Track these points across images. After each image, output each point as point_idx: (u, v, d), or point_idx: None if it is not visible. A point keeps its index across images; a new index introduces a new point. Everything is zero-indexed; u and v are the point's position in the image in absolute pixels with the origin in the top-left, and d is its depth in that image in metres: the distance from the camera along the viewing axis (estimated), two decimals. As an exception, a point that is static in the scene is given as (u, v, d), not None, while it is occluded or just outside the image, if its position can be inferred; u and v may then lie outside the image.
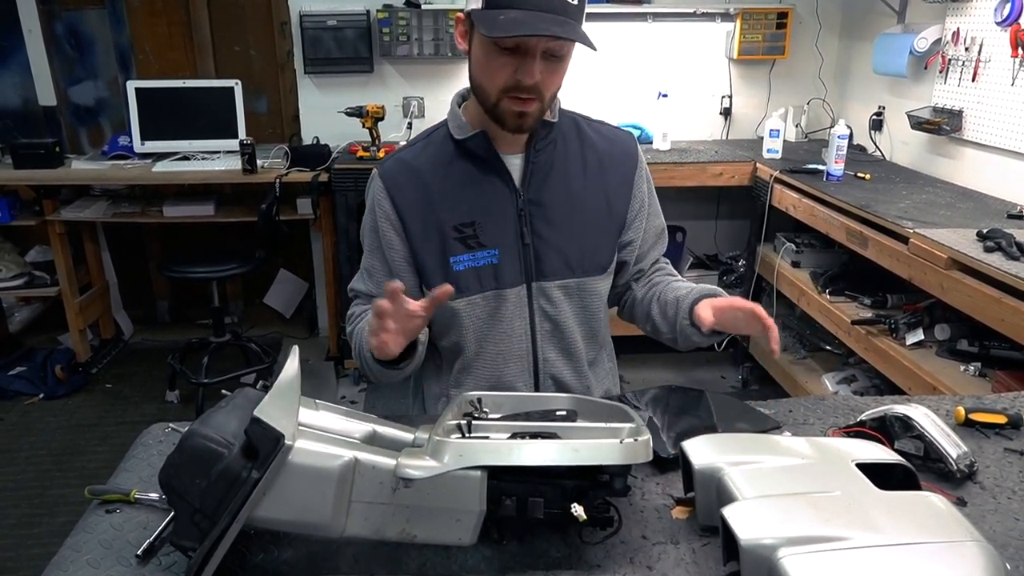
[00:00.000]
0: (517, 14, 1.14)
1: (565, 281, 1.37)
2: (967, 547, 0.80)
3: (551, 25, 1.13)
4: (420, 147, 1.40)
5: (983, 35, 2.80)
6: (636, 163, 1.45)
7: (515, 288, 1.35)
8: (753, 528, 0.82)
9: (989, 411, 1.27)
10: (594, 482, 0.92)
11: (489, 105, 1.25)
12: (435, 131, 1.41)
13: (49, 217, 3.42)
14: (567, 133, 1.40)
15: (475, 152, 1.34)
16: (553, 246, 1.35)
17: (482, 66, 1.24)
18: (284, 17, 3.75)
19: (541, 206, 1.35)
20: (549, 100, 1.27)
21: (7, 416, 3.35)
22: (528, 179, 1.35)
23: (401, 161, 1.39)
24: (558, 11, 1.15)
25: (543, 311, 1.38)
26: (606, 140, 1.43)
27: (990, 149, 2.84)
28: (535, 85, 1.20)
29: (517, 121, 1.25)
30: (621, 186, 1.42)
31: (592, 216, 1.38)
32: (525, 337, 1.38)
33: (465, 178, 1.35)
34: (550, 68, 1.21)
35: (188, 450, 0.85)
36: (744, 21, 3.70)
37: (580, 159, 1.39)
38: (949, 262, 2.15)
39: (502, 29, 1.14)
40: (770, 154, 3.43)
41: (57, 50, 3.89)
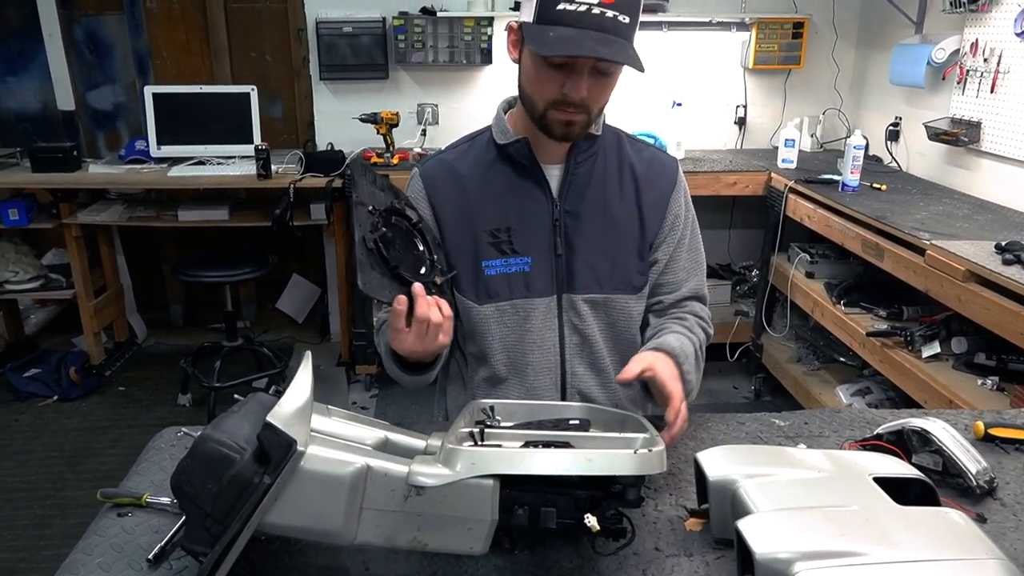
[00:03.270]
0: (567, 32, 1.14)
1: (592, 296, 1.36)
2: (987, 565, 0.78)
3: (599, 45, 1.13)
4: (463, 149, 1.41)
5: (1002, 46, 2.78)
6: (674, 186, 1.42)
7: (545, 298, 1.35)
8: (768, 542, 0.81)
9: (1009, 426, 1.25)
10: (607, 492, 0.91)
11: (536, 115, 1.26)
12: (479, 135, 1.42)
13: (66, 220, 3.45)
14: (608, 148, 1.39)
15: (516, 158, 1.34)
16: (584, 259, 1.34)
17: (531, 78, 1.24)
18: (300, 24, 3.78)
19: (576, 218, 1.35)
20: (596, 113, 1.27)
21: (21, 417, 3.37)
22: (566, 190, 1.34)
23: (443, 162, 1.40)
24: (608, 30, 1.14)
25: (572, 324, 1.37)
26: (646, 160, 1.42)
27: (1009, 161, 2.81)
28: (582, 100, 1.21)
29: (564, 130, 1.25)
30: (655, 207, 1.39)
31: (625, 233, 1.37)
32: (554, 349, 1.37)
33: (504, 184, 1.35)
34: (598, 84, 1.21)
35: (200, 455, 0.85)
36: (760, 31, 3.70)
37: (618, 175, 1.38)
38: (967, 274, 2.13)
39: (551, 48, 1.14)
40: (785, 164, 3.42)
41: (76, 55, 3.94)
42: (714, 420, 1.32)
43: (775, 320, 3.51)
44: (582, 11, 1.13)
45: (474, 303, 1.33)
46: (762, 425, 1.31)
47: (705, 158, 3.64)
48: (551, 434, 1.02)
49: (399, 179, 3.47)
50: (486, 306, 1.34)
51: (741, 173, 3.42)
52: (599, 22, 1.14)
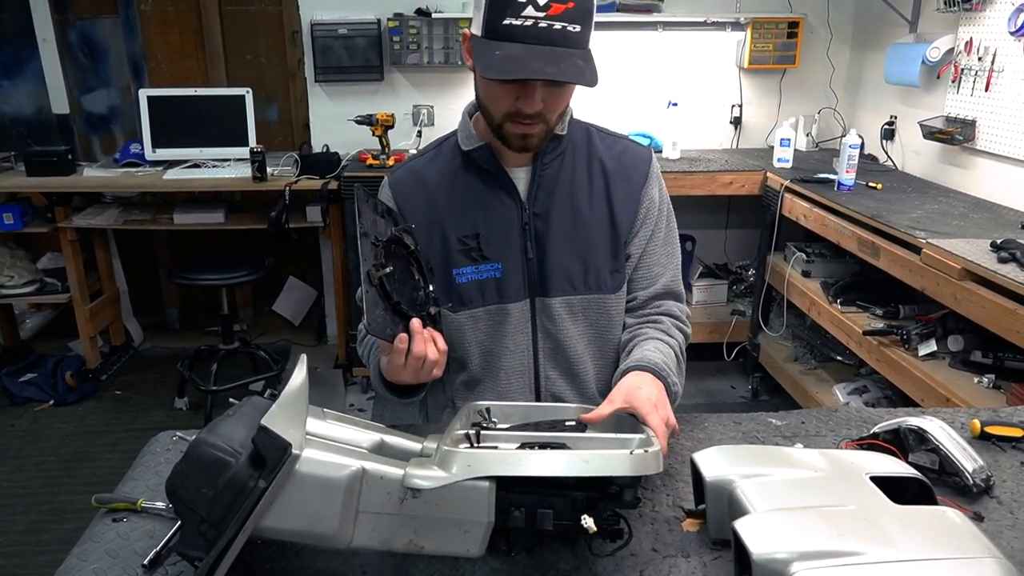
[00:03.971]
0: (514, 49, 1.11)
1: (568, 298, 1.34)
2: (985, 564, 0.78)
3: (546, 65, 1.11)
4: (430, 157, 1.40)
5: (996, 44, 2.79)
6: (646, 178, 1.39)
7: (518, 303, 1.34)
8: (766, 542, 0.81)
9: (1006, 424, 1.25)
10: (604, 493, 0.91)
11: (493, 127, 1.25)
12: (446, 140, 1.41)
13: (61, 224, 3.44)
14: (577, 145, 1.37)
15: (481, 164, 1.33)
16: (557, 261, 1.33)
17: (485, 92, 1.23)
18: (295, 26, 3.78)
19: (546, 220, 1.33)
20: (556, 120, 1.25)
21: (17, 422, 3.36)
22: (534, 193, 1.33)
23: (410, 171, 1.39)
24: (558, 43, 1.12)
25: (545, 328, 1.36)
26: (617, 153, 1.39)
27: (1004, 159, 2.82)
28: (537, 113, 1.19)
29: (522, 142, 1.24)
30: (627, 200, 1.37)
31: (596, 232, 1.35)
32: (527, 353, 1.36)
33: (471, 190, 1.34)
34: (553, 94, 1.19)
35: (195, 459, 0.85)
36: (755, 30, 3.70)
37: (587, 172, 1.37)
38: (962, 272, 2.13)
39: (497, 70, 1.12)
40: (781, 163, 3.42)
41: (71, 59, 3.93)
42: (711, 420, 1.32)
43: (772, 319, 3.52)
44: (529, 25, 1.10)
45: (448, 311, 1.32)
46: (759, 425, 1.31)
47: (701, 158, 3.64)
48: (547, 435, 1.02)
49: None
50: (460, 314, 1.33)
51: (737, 173, 3.42)
52: (547, 35, 1.11)
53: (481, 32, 1.15)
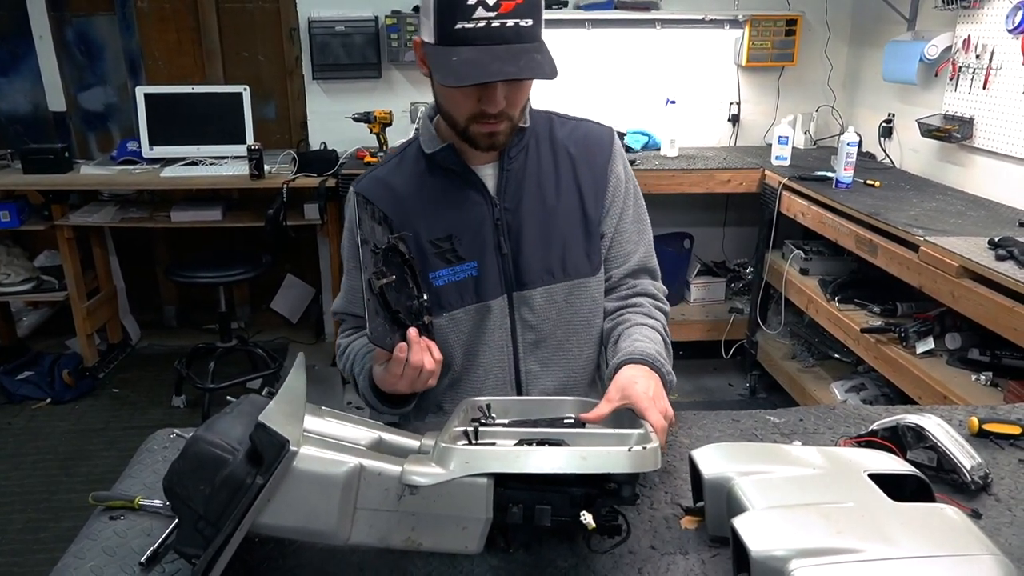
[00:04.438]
0: (470, 53, 1.10)
1: (548, 287, 1.34)
2: (983, 561, 0.78)
3: (505, 64, 1.10)
4: (395, 163, 1.39)
5: (994, 42, 2.79)
6: (609, 156, 1.39)
7: (497, 299, 1.34)
8: (764, 539, 0.81)
9: (1003, 421, 1.25)
10: (602, 490, 0.91)
11: (459, 130, 1.24)
12: (408, 146, 1.40)
13: (58, 222, 3.44)
14: (540, 135, 1.37)
15: (446, 166, 1.33)
16: (532, 253, 1.33)
17: (445, 98, 1.22)
18: (293, 23, 3.77)
19: (517, 214, 1.33)
20: (519, 116, 1.25)
21: (15, 420, 3.36)
22: (503, 188, 1.33)
23: (376, 179, 1.38)
24: (512, 40, 1.11)
25: (524, 321, 1.35)
26: (579, 137, 1.39)
27: (1001, 157, 2.82)
28: (501, 111, 1.19)
29: (489, 141, 1.24)
30: (595, 181, 1.37)
31: (569, 219, 1.35)
32: (506, 348, 1.36)
33: (439, 192, 1.33)
34: (514, 91, 1.19)
35: (192, 456, 0.85)
36: (753, 28, 3.70)
37: (552, 161, 1.37)
38: (960, 270, 2.13)
39: (456, 77, 1.11)
40: (779, 161, 3.42)
41: (67, 56, 3.92)
42: (709, 417, 1.32)
43: (770, 317, 3.52)
44: (481, 27, 1.10)
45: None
46: (757, 422, 1.31)
47: (699, 156, 3.64)
48: (545, 432, 1.02)
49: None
50: (440, 317, 1.33)
51: (735, 171, 3.42)
52: (501, 34, 1.10)
53: (433, 39, 1.14)
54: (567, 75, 3.74)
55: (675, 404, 1.16)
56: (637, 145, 3.67)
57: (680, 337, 3.68)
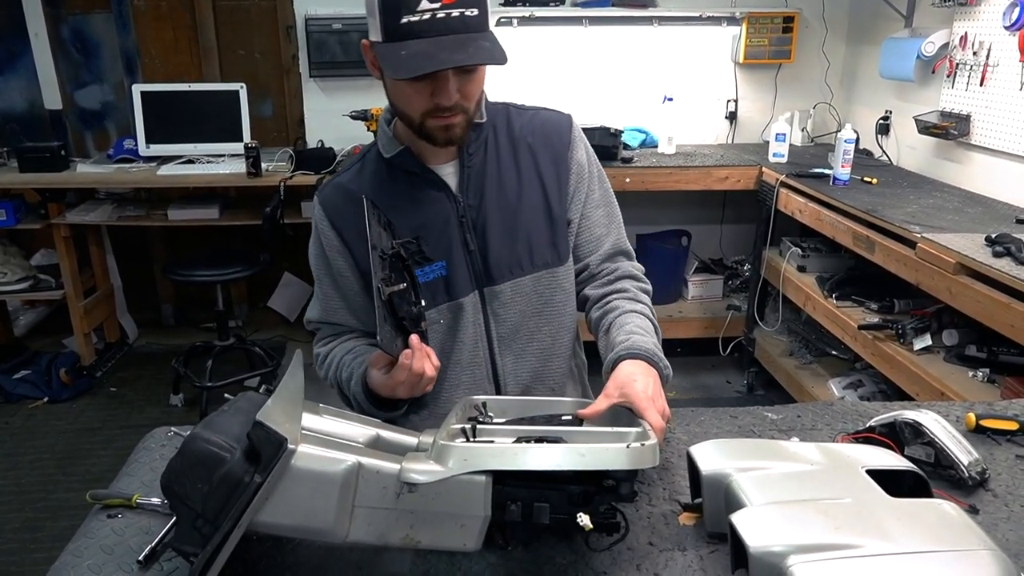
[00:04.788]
0: (419, 45, 1.10)
1: (517, 280, 1.34)
2: (980, 556, 0.78)
3: (453, 53, 1.10)
4: (356, 169, 1.39)
5: (991, 39, 2.79)
6: (569, 144, 1.38)
7: (469, 296, 1.34)
8: (762, 535, 0.81)
9: (1000, 417, 1.25)
10: (600, 487, 0.91)
11: (415, 127, 1.24)
12: (368, 152, 1.39)
13: (54, 220, 3.43)
14: (498, 128, 1.37)
15: (405, 168, 1.32)
16: (499, 248, 1.33)
17: (399, 96, 1.22)
18: (289, 21, 3.76)
19: (481, 210, 1.33)
20: (474, 108, 1.24)
21: (12, 420, 3.35)
22: (465, 185, 1.33)
23: (338, 186, 1.37)
24: (459, 30, 1.11)
25: (496, 315, 1.35)
26: (537, 126, 1.39)
27: (998, 154, 2.82)
28: (455, 103, 1.18)
29: (446, 135, 1.23)
30: (555, 170, 1.37)
31: (533, 209, 1.35)
32: (480, 343, 1.36)
33: (402, 195, 1.33)
34: (466, 82, 1.19)
35: (190, 454, 0.84)
36: (750, 25, 3.70)
37: (512, 153, 1.36)
38: (957, 267, 2.13)
39: (407, 70, 1.11)
40: (776, 158, 3.42)
41: (63, 54, 3.91)
42: (707, 414, 1.32)
43: (767, 314, 3.52)
44: (427, 19, 1.10)
45: None
46: (755, 419, 1.31)
47: (696, 153, 3.64)
48: (543, 429, 1.02)
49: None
50: None
51: (732, 168, 3.42)
52: (447, 25, 1.10)
53: (381, 37, 1.14)
54: (566, 72, 3.76)
55: (673, 401, 1.17)
56: (634, 142, 3.67)
57: (678, 334, 3.70)
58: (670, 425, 1.26)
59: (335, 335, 1.42)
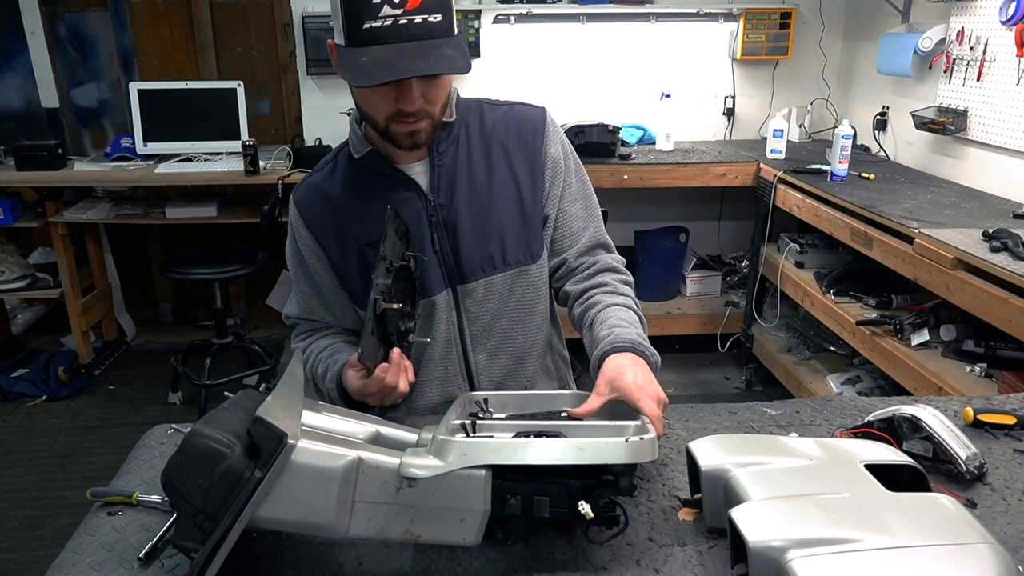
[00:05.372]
0: (379, 52, 1.09)
1: (489, 278, 1.33)
2: (979, 549, 0.79)
3: (414, 61, 1.09)
4: (328, 169, 1.38)
5: (988, 34, 2.79)
6: (543, 139, 1.36)
7: (441, 294, 1.33)
8: (761, 530, 0.81)
9: (998, 412, 1.25)
10: (599, 481, 0.91)
11: (380, 131, 1.23)
12: (340, 151, 1.39)
13: (52, 219, 3.43)
14: (470, 126, 1.36)
15: (374, 169, 1.32)
16: (470, 246, 1.32)
17: (362, 99, 1.21)
18: (286, 18, 3.76)
19: (452, 209, 1.32)
20: (440, 112, 1.23)
21: (10, 418, 3.35)
22: (436, 184, 1.32)
23: (311, 186, 1.37)
24: (421, 36, 1.10)
25: (469, 312, 1.35)
26: (511, 122, 1.37)
27: (995, 149, 2.82)
28: (419, 109, 1.18)
29: (410, 140, 1.22)
30: (530, 164, 1.35)
31: (505, 207, 1.33)
32: (454, 340, 1.36)
33: (373, 195, 1.32)
34: (431, 88, 1.18)
35: (190, 450, 0.85)
36: (747, 21, 3.70)
37: (483, 150, 1.35)
38: (955, 262, 2.14)
39: (367, 77, 1.09)
40: (774, 154, 3.42)
41: (60, 52, 3.90)
42: (705, 410, 1.33)
43: (765, 310, 3.53)
44: (389, 24, 1.08)
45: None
46: (754, 414, 1.31)
47: (694, 149, 3.64)
48: (543, 424, 1.02)
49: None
50: None
51: (730, 164, 3.42)
52: (409, 31, 1.09)
53: (344, 40, 1.13)
54: (563, 69, 3.76)
55: (671, 398, 1.16)
56: (632, 139, 3.67)
57: (676, 331, 3.70)
58: (669, 421, 1.27)
59: (312, 331, 1.43)
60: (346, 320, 1.40)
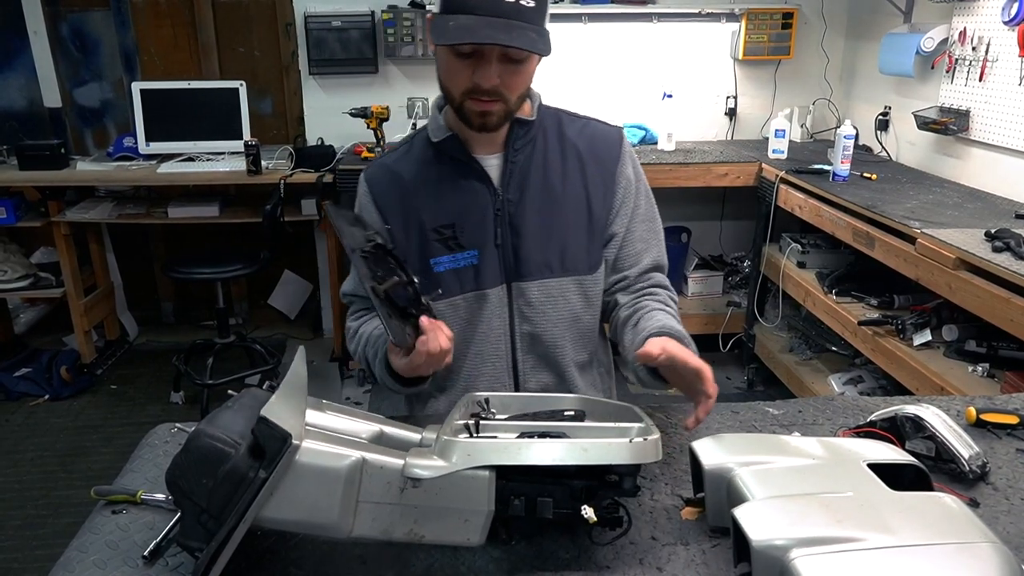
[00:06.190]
0: (467, 20, 1.13)
1: (545, 281, 1.35)
2: (982, 548, 0.79)
3: (497, 32, 1.12)
4: (403, 151, 1.41)
5: (990, 34, 2.79)
6: (618, 158, 1.40)
7: (495, 288, 1.34)
8: (765, 529, 0.81)
9: (1001, 412, 1.26)
10: (603, 482, 0.91)
11: (455, 106, 1.26)
12: (417, 135, 1.42)
13: (54, 218, 3.43)
14: (548, 130, 1.38)
15: (451, 155, 1.34)
16: (532, 246, 1.34)
17: (444, 69, 1.24)
18: (289, 18, 3.76)
19: (519, 206, 1.34)
20: (516, 101, 1.26)
21: (12, 417, 3.35)
22: (507, 179, 1.34)
23: (383, 166, 1.40)
24: (510, 15, 1.13)
25: (521, 312, 1.36)
26: (588, 136, 1.40)
27: (998, 149, 2.82)
28: (494, 88, 1.20)
29: (480, 120, 1.24)
30: (602, 182, 1.37)
31: (572, 215, 1.35)
32: (504, 338, 1.37)
33: (444, 180, 1.35)
34: (510, 71, 1.20)
35: (195, 450, 0.85)
36: (749, 21, 3.70)
37: (560, 157, 1.37)
38: (957, 262, 2.14)
39: (448, 37, 1.14)
40: (775, 154, 3.42)
41: (62, 52, 3.90)
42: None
43: (767, 310, 3.52)
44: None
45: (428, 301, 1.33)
46: (756, 414, 1.31)
47: (696, 149, 3.64)
48: (546, 425, 1.02)
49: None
50: (439, 302, 1.33)
51: (732, 164, 3.42)
52: (500, 8, 1.13)
53: (440, 9, 1.18)
54: (564, 69, 3.75)
55: (673, 398, 1.17)
56: (634, 139, 3.67)
57: (678, 330, 3.69)
58: (671, 421, 1.27)
59: (366, 309, 1.43)
60: None
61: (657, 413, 1.30)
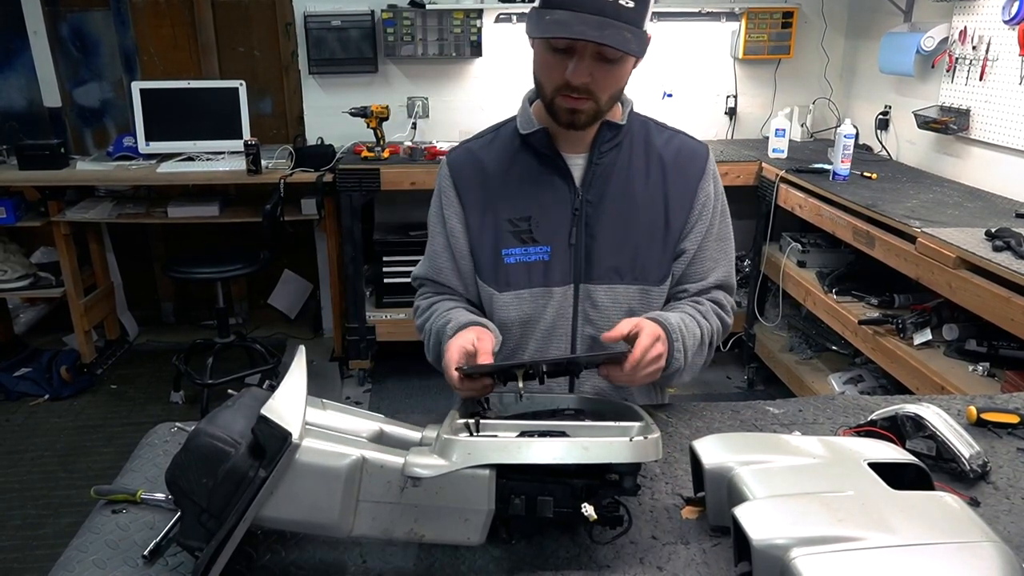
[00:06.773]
0: (563, 15, 1.13)
1: (613, 286, 1.34)
2: (982, 547, 0.79)
3: (590, 29, 1.12)
4: (489, 139, 1.41)
5: (990, 34, 2.79)
6: (702, 174, 1.38)
7: (563, 287, 1.34)
8: (765, 528, 0.81)
9: (1001, 411, 1.26)
10: (603, 481, 0.91)
11: (546, 101, 1.26)
12: (505, 125, 1.42)
13: (54, 218, 3.43)
14: (635, 137, 1.38)
15: (537, 148, 1.34)
16: (605, 249, 1.33)
17: (538, 63, 1.25)
18: (288, 18, 3.76)
19: (597, 208, 1.33)
20: (607, 102, 1.26)
21: (12, 417, 3.35)
22: (589, 180, 1.33)
23: (468, 151, 1.41)
24: (608, 14, 1.13)
25: (586, 315, 1.35)
26: (674, 149, 1.39)
27: (998, 148, 2.82)
28: (585, 86, 1.20)
29: (569, 117, 1.24)
30: (682, 195, 1.36)
31: (648, 224, 1.35)
32: (566, 337, 1.36)
33: (526, 173, 1.35)
34: (603, 70, 1.20)
35: (195, 449, 0.85)
36: (749, 20, 3.70)
37: (644, 165, 1.36)
38: (957, 261, 2.13)
39: (542, 30, 1.15)
40: (776, 154, 3.42)
41: (62, 52, 3.90)
42: (709, 409, 1.33)
43: (767, 310, 3.52)
44: None
45: (494, 290, 1.34)
46: (757, 413, 1.31)
47: (696, 149, 3.63)
48: (547, 424, 1.02)
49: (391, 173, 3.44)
50: (505, 294, 1.34)
51: (732, 163, 3.42)
52: (598, 5, 1.13)
53: (539, 3, 1.18)
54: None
55: (673, 397, 1.17)
56: (634, 138, 3.67)
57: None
58: (672, 420, 1.27)
59: (437, 293, 1.43)
60: (471, 289, 1.41)
61: (658, 412, 1.30)
